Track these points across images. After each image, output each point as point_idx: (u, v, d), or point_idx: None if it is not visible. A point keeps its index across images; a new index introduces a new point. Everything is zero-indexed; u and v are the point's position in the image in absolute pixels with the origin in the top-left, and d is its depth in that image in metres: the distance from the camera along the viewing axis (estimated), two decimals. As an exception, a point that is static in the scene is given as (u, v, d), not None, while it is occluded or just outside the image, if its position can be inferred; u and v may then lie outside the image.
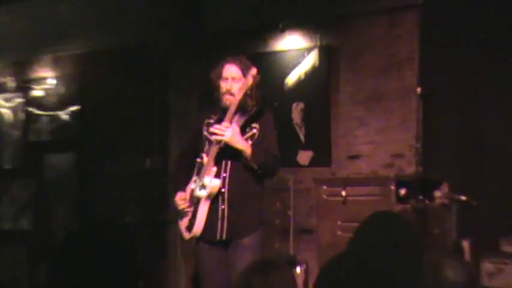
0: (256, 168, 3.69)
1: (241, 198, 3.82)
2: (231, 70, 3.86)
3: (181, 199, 3.94)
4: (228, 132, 3.69)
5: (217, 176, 3.83)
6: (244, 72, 3.81)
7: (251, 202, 3.86)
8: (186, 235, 3.92)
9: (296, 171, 6.51)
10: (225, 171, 3.78)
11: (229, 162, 3.81)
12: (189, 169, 3.97)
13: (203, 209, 3.81)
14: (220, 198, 3.83)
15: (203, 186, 3.76)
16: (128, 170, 6.82)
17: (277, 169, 3.91)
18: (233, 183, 3.79)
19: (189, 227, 3.88)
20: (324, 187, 5.49)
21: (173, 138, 6.47)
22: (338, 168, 6.47)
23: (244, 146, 3.72)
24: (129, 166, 6.80)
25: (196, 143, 3.98)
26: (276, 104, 6.50)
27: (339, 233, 5.26)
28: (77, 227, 5.82)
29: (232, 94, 3.84)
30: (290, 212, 6.32)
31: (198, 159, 3.80)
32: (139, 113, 6.81)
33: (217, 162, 3.83)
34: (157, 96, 6.52)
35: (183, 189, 3.97)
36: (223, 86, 3.87)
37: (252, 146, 3.75)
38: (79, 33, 6.92)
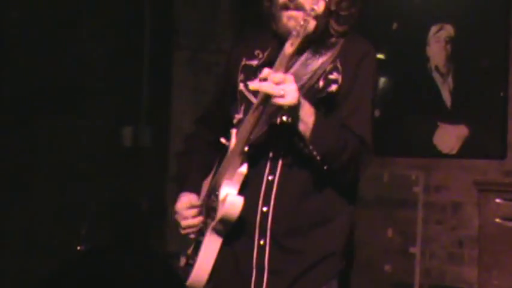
0: (318, 159, 2.60)
1: (302, 228, 2.72)
2: None
3: (186, 206, 2.79)
4: (290, 88, 2.50)
5: (249, 180, 2.68)
6: None
7: (325, 237, 2.74)
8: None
9: (430, 165, 5.26)
10: (272, 171, 2.70)
11: (281, 150, 2.67)
12: (212, 149, 2.89)
13: (209, 250, 2.76)
14: (257, 224, 2.68)
15: (214, 199, 2.73)
16: (87, 148, 5.44)
17: (362, 166, 2.71)
18: (288, 197, 2.67)
19: (187, 269, 2.87)
20: (497, 201, 4.47)
21: (179, 96, 5.70)
22: (524, 163, 5.20)
23: (305, 113, 2.57)
24: (90, 141, 5.47)
25: (227, 102, 2.87)
26: (394, 26, 5.34)
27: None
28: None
29: (299, 8, 2.66)
30: (415, 250, 5.09)
31: (223, 140, 2.74)
32: (113, 47, 5.60)
33: (256, 147, 2.67)
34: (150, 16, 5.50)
35: (193, 187, 2.85)
36: None
37: (318, 118, 2.59)
38: None
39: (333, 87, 2.61)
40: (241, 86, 2.79)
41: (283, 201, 2.66)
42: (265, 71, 2.53)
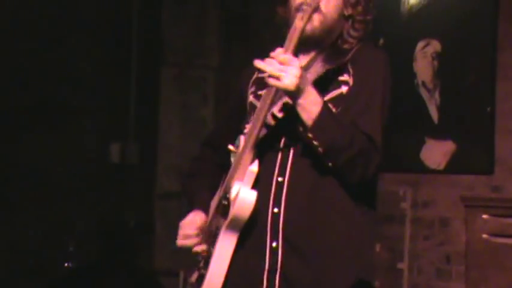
0: (320, 152, 2.52)
1: (315, 228, 2.62)
2: None
3: (189, 226, 2.73)
4: (290, 71, 2.42)
5: (259, 182, 2.61)
6: None
7: (339, 238, 2.64)
8: None
9: (418, 181, 5.23)
10: (281, 172, 2.61)
11: (291, 151, 2.60)
12: (218, 172, 2.83)
13: (223, 250, 2.65)
14: (268, 226, 2.61)
15: (225, 203, 2.64)
16: (75, 165, 5.35)
17: (371, 165, 2.60)
18: (299, 197, 2.59)
19: (196, 285, 2.75)
20: (484, 217, 4.43)
21: (166, 112, 5.63)
22: (510, 178, 4.96)
23: (310, 102, 2.49)
24: (78, 158, 5.40)
25: (237, 120, 2.81)
26: (381, 41, 5.27)
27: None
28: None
29: (310, 6, 2.62)
30: (403, 266, 5.08)
31: (231, 147, 2.67)
32: (100, 63, 5.55)
33: (264, 149, 2.61)
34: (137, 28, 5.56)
35: (202, 207, 2.79)
36: None
37: (325, 109, 2.52)
38: None
39: (343, 89, 2.59)
40: (251, 97, 2.77)
41: (294, 202, 2.62)
42: (277, 50, 2.47)
